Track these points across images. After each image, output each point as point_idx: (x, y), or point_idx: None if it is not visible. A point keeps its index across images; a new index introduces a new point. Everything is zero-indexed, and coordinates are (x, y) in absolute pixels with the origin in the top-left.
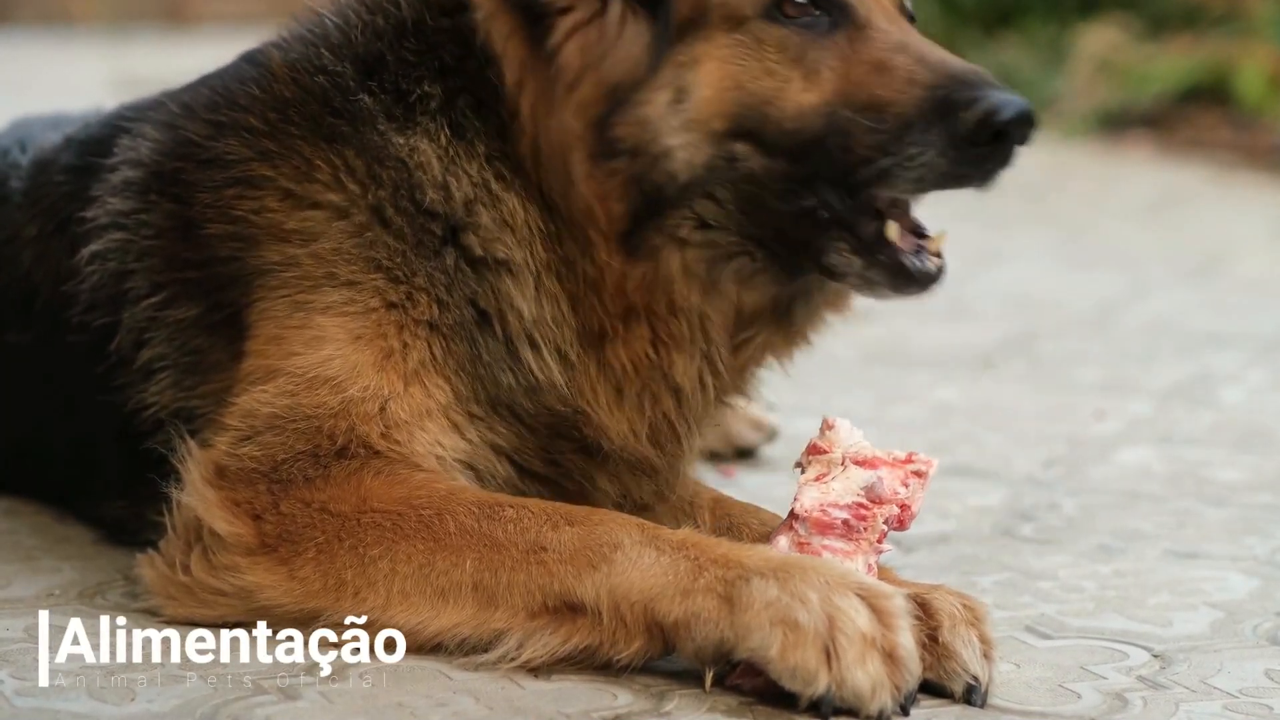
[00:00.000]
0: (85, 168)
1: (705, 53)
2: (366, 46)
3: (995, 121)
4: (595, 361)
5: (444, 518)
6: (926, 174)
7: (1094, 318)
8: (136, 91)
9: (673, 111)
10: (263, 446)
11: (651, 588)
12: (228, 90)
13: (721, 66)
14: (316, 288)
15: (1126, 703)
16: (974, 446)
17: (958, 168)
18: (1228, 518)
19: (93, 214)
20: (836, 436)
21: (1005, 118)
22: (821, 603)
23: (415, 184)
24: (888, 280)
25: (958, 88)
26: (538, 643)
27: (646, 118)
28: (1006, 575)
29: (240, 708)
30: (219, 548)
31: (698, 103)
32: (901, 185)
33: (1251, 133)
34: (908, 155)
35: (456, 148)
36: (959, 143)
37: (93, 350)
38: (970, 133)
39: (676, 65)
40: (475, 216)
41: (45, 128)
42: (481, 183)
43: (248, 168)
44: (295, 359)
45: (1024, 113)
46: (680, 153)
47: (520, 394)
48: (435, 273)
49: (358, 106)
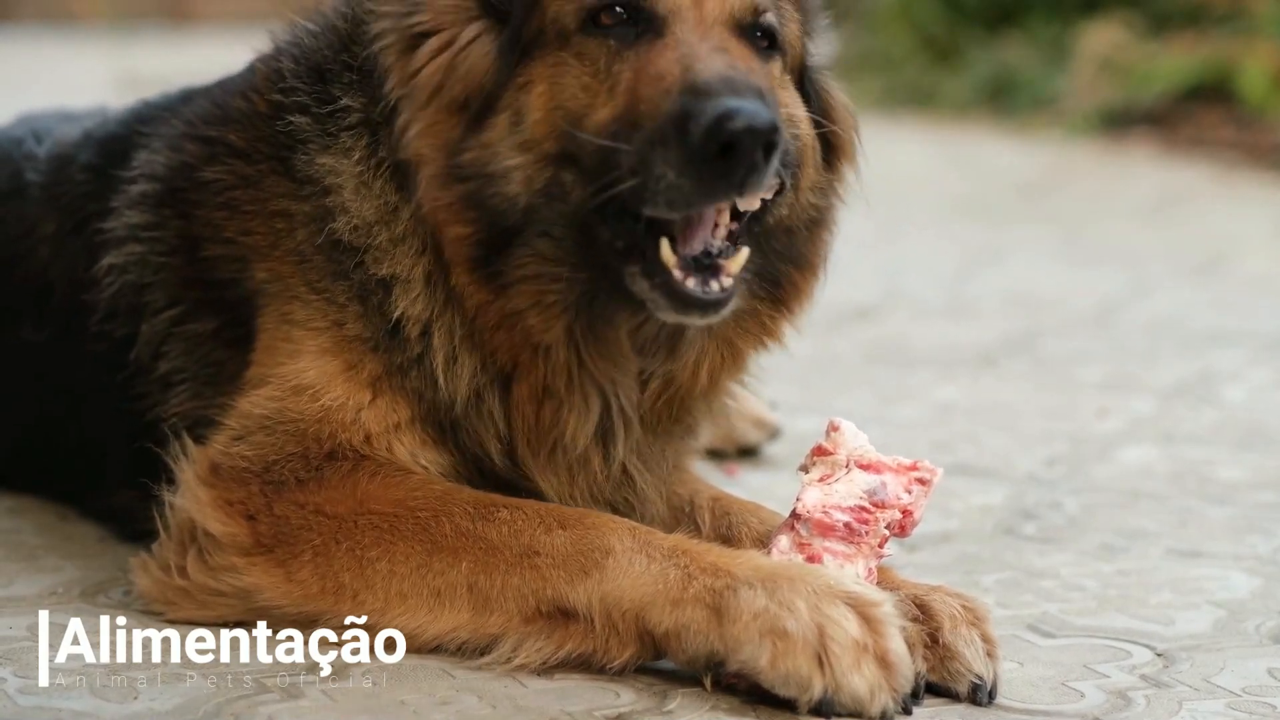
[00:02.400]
0: (105, 170)
1: (538, 73)
2: (317, 59)
3: (724, 131)
4: (505, 405)
5: (440, 520)
6: (675, 196)
7: (1096, 316)
8: (139, 90)
9: (511, 134)
10: (255, 446)
11: (642, 596)
12: (223, 105)
13: (548, 86)
14: (290, 301)
15: (1130, 701)
16: (976, 445)
17: (702, 184)
18: (1230, 516)
19: (111, 225)
20: (841, 439)
21: (733, 128)
22: (810, 611)
23: (330, 208)
24: (669, 304)
25: (699, 98)
26: (532, 647)
27: (489, 141)
28: (1009, 574)
29: (243, 706)
30: (214, 549)
31: (530, 125)
32: (654, 207)
33: (1254, 131)
34: (654, 176)
35: (369, 163)
36: (693, 158)
37: (111, 358)
38: (699, 147)
39: (516, 88)
40: (374, 238)
41: (58, 120)
42: (384, 200)
43: (232, 194)
44: (280, 367)
45: (753, 125)
46: (517, 173)
47: (459, 416)
48: (352, 291)
49: (295, 126)
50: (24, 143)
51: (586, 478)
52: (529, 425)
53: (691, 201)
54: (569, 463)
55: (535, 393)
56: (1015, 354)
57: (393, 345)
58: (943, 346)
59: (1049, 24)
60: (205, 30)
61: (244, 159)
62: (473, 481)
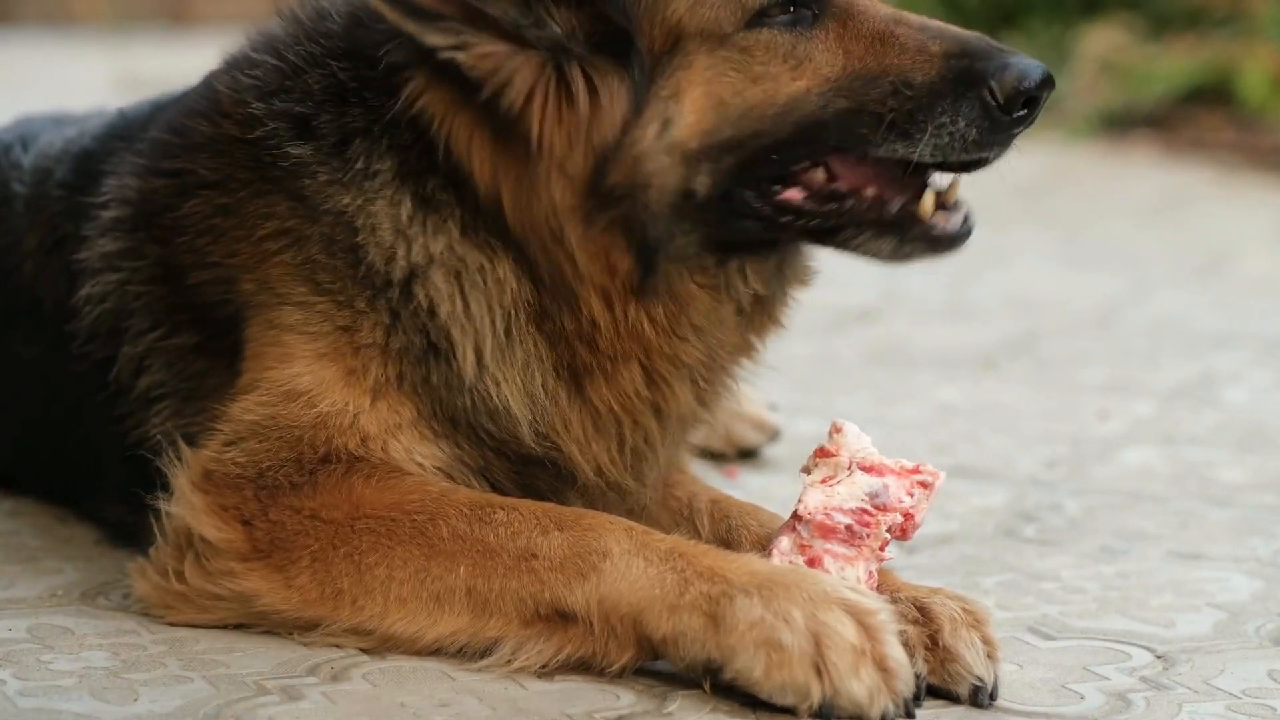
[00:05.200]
0: (77, 190)
1: (688, 80)
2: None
3: (1027, 89)
4: (570, 398)
5: (437, 522)
6: (953, 142)
7: (1097, 318)
8: (140, 91)
9: (659, 141)
10: (247, 452)
11: (640, 600)
12: (183, 131)
13: (706, 90)
14: (279, 308)
15: (1129, 703)
16: (976, 447)
17: (987, 136)
18: (1231, 518)
19: (85, 255)
20: (844, 440)
21: (1035, 83)
22: (806, 620)
23: (360, 244)
24: (926, 250)
25: (979, 57)
26: (532, 650)
27: (637, 156)
28: (1009, 576)
29: (242, 708)
30: (211, 554)
31: (681, 128)
32: (924, 152)
33: (1255, 133)
34: (937, 124)
35: (421, 218)
36: (993, 112)
37: (92, 378)
38: (1006, 102)
39: (661, 100)
40: (429, 280)
41: (50, 125)
42: (442, 250)
43: (211, 222)
44: (271, 373)
45: (1048, 75)
46: (661, 176)
47: (484, 417)
48: (377, 301)
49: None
50: (11, 150)
51: (638, 436)
52: (610, 407)
53: (965, 150)
54: (631, 426)
55: (633, 385)
56: (1016, 355)
57: (415, 351)
58: (943, 348)
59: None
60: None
61: (218, 189)
62: (475, 470)
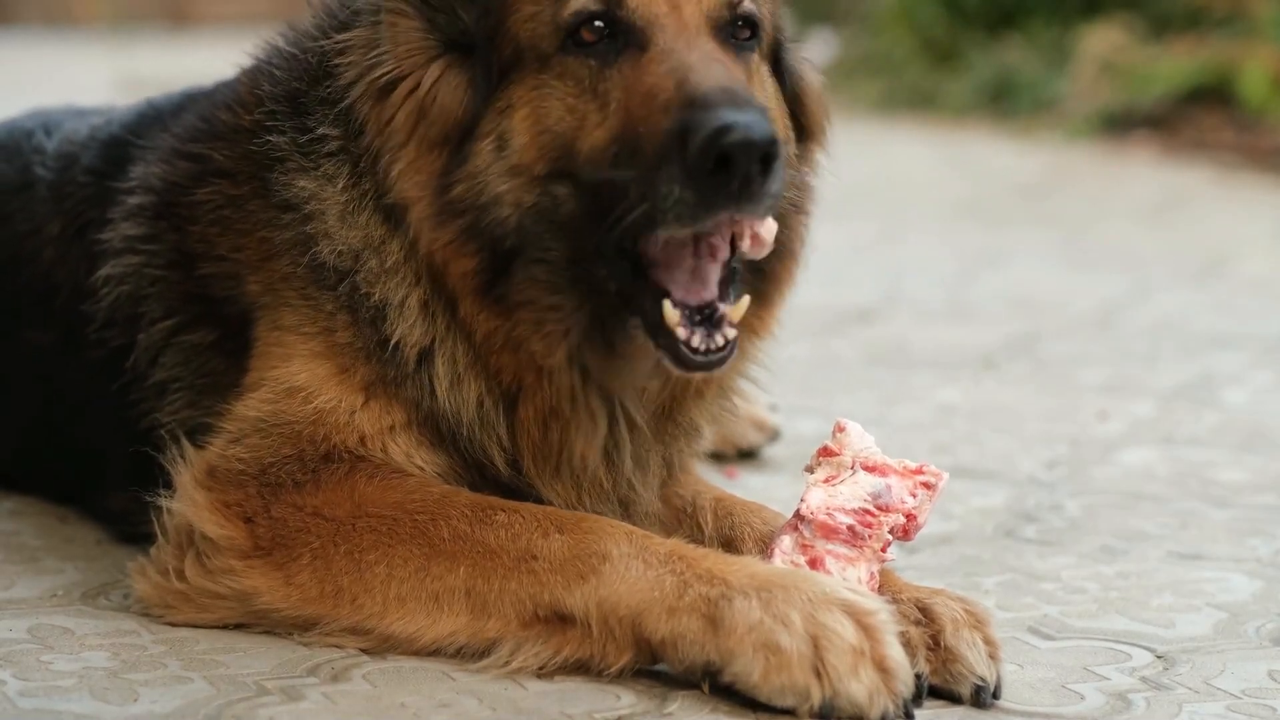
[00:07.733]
0: (105, 176)
1: (519, 97)
2: (291, 87)
3: (720, 145)
4: (510, 423)
5: (438, 522)
6: (682, 210)
7: (1097, 319)
8: (140, 92)
9: (497, 159)
10: (250, 449)
11: (639, 603)
12: (210, 119)
13: (531, 110)
14: (280, 309)
15: (1129, 703)
16: (976, 447)
17: (703, 197)
18: (1231, 519)
19: (108, 236)
20: (847, 440)
21: (730, 141)
22: (805, 622)
23: (312, 235)
24: (674, 362)
25: (696, 112)
26: (530, 652)
27: (476, 170)
28: (1009, 576)
29: (243, 708)
30: (212, 551)
31: (517, 149)
32: (665, 226)
33: (1254, 134)
34: (661, 195)
35: (353, 192)
36: (692, 173)
37: (108, 365)
38: (696, 161)
39: (497, 113)
40: (362, 264)
41: (70, 115)
42: (370, 232)
43: (221, 212)
44: (273, 370)
45: (749, 138)
46: (508, 197)
47: (455, 425)
48: (339, 303)
49: (273, 145)
50: (34, 135)
51: (592, 487)
52: (535, 444)
53: (697, 215)
54: (575, 476)
55: (541, 414)
56: (1016, 356)
57: (387, 360)
58: (943, 348)
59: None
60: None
61: (230, 179)
62: (472, 482)
